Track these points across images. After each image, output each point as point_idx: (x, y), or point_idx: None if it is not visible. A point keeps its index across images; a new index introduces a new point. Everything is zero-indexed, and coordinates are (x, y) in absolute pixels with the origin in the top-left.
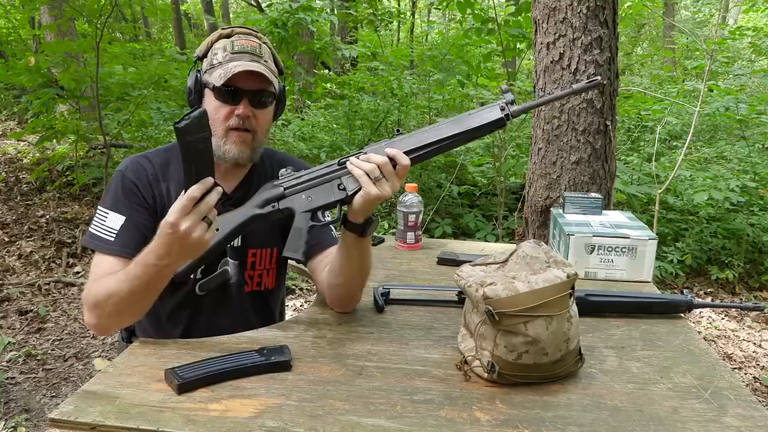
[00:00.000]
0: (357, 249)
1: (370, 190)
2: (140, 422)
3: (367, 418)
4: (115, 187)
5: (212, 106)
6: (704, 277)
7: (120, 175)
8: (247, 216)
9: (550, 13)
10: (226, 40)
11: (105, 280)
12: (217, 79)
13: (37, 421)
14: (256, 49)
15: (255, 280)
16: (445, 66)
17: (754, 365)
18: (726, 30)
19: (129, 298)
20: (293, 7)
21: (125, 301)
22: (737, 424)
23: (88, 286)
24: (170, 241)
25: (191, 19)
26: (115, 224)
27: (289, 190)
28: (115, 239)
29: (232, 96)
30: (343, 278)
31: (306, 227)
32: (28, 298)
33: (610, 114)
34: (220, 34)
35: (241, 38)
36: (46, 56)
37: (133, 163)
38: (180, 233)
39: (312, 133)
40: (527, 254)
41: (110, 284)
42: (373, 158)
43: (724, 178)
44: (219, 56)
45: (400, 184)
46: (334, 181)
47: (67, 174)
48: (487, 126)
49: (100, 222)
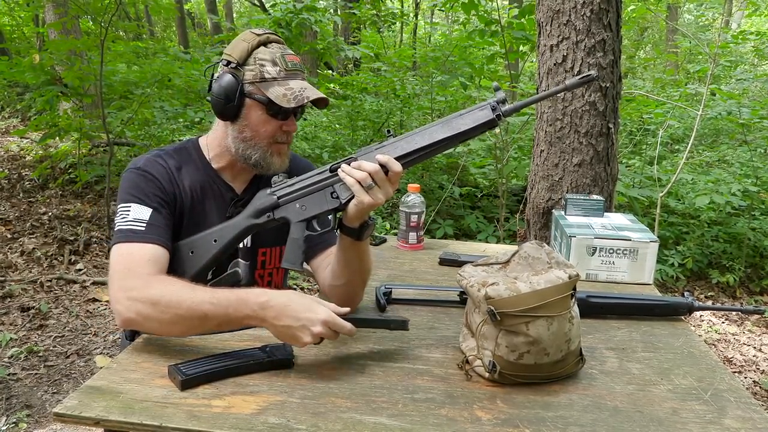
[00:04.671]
0: (355, 252)
1: (363, 199)
2: (143, 418)
3: (369, 416)
4: (136, 182)
5: (259, 120)
6: (705, 281)
7: (138, 171)
8: (242, 227)
9: (554, 15)
10: (271, 51)
11: (177, 286)
12: (282, 98)
13: (39, 418)
14: (300, 65)
15: (265, 279)
16: (448, 67)
17: (754, 369)
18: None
19: (197, 318)
20: (297, 8)
21: (190, 321)
22: (737, 426)
23: (130, 276)
24: (297, 323)
25: (195, 18)
26: (142, 215)
27: (282, 199)
28: (147, 228)
29: (286, 113)
30: (344, 279)
31: (302, 237)
32: (30, 295)
33: (613, 117)
34: (258, 40)
35: (285, 51)
36: (50, 54)
37: (150, 160)
38: (312, 331)
39: (315, 133)
40: (529, 255)
41: (184, 293)
42: (365, 166)
43: (725, 182)
44: (270, 70)
45: (394, 190)
46: (327, 189)
47: (70, 171)
48: (479, 127)
49: (124, 216)
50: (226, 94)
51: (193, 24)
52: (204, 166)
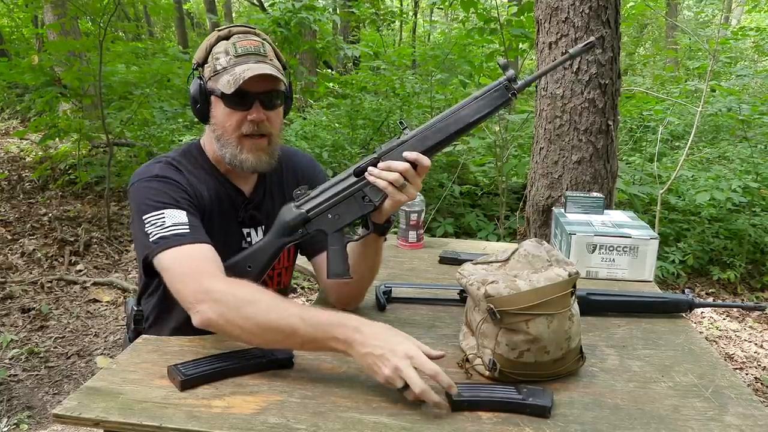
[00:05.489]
0: (374, 247)
1: (399, 198)
2: (143, 418)
3: (369, 415)
4: (160, 189)
5: (222, 114)
6: (706, 278)
7: (157, 178)
8: (276, 247)
9: (553, 12)
10: (226, 43)
11: (267, 295)
12: (227, 86)
13: (40, 419)
14: (260, 49)
15: (275, 279)
16: (447, 66)
17: (756, 366)
18: (729, 30)
19: (283, 331)
20: (296, 7)
21: (275, 332)
22: (738, 422)
23: (203, 277)
24: (379, 351)
25: (194, 18)
26: (179, 219)
27: (312, 213)
28: (192, 230)
29: (243, 101)
30: (356, 276)
31: (343, 246)
32: (30, 296)
33: (612, 114)
34: (218, 35)
35: (242, 38)
36: (49, 55)
37: (164, 167)
38: (392, 362)
39: (314, 132)
40: (529, 253)
41: (274, 303)
42: (395, 166)
43: (726, 179)
44: (222, 61)
45: (422, 182)
46: (358, 194)
47: (70, 172)
48: (497, 108)
49: (161, 225)
50: (194, 97)
51: (192, 24)
52: (211, 170)
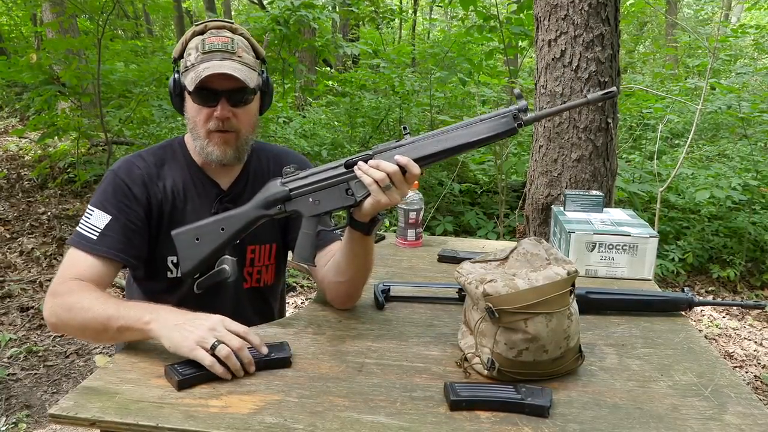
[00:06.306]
0: (362, 246)
1: (380, 199)
2: (140, 418)
3: (367, 415)
4: (105, 186)
5: (192, 109)
6: (705, 276)
7: (112, 174)
8: (251, 217)
9: (552, 10)
10: (199, 39)
11: (94, 295)
12: (190, 83)
13: (38, 418)
14: (227, 45)
15: (254, 277)
16: (446, 64)
17: (755, 364)
18: (728, 28)
19: (101, 323)
20: (295, 5)
21: (95, 326)
22: (737, 421)
23: (63, 282)
24: (195, 318)
25: (193, 17)
26: (100, 222)
27: (295, 192)
28: (98, 238)
29: (209, 98)
30: (348, 275)
31: (314, 232)
32: (29, 295)
33: (612, 112)
34: (194, 31)
35: (213, 35)
36: (48, 53)
37: (126, 163)
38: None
39: (313, 130)
40: (528, 251)
41: (96, 302)
42: (383, 166)
43: (725, 177)
44: (192, 57)
45: (409, 190)
46: (342, 185)
47: (69, 171)
48: (500, 135)
49: (86, 219)
50: (170, 91)
51: (191, 22)
52: (188, 163)
